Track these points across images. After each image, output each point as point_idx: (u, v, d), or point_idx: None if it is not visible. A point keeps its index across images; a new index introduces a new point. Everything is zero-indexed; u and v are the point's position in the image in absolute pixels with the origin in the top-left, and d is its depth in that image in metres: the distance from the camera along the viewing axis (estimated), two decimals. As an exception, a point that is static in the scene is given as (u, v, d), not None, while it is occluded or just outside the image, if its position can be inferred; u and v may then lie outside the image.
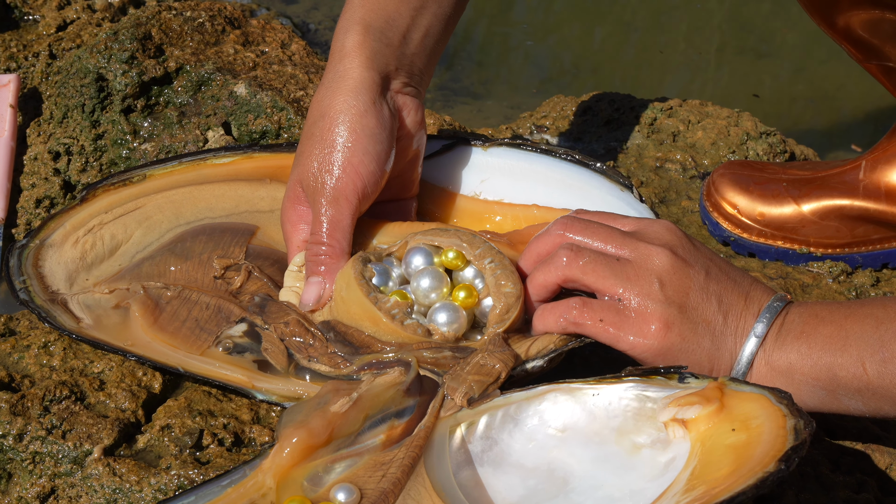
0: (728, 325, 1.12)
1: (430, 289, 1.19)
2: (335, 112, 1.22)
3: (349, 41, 1.25)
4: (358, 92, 1.23)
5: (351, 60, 1.24)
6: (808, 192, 1.45)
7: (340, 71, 1.24)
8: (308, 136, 1.24)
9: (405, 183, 1.31)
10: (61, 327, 1.21)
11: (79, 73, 1.55)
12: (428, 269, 1.19)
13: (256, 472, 1.06)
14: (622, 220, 1.19)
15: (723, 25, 2.76)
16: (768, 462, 0.95)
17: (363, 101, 1.23)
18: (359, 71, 1.24)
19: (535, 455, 1.09)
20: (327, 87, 1.24)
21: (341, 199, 1.22)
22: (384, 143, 1.24)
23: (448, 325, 1.17)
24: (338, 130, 1.22)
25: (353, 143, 1.22)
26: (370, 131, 1.23)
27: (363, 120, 1.22)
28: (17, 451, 1.15)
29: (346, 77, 1.24)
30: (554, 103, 1.75)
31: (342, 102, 1.23)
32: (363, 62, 1.24)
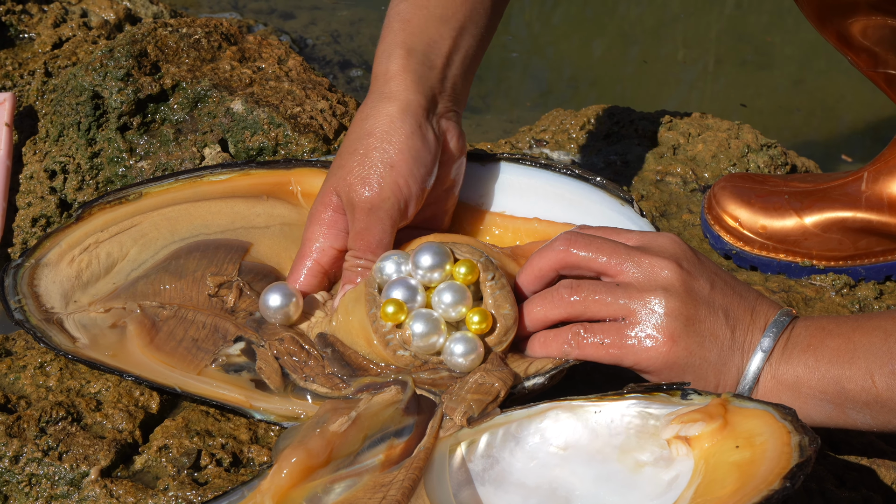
0: (736, 339, 1.12)
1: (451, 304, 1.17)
2: (382, 131, 1.23)
3: (393, 65, 1.25)
4: (405, 114, 1.23)
5: (397, 83, 1.24)
6: (810, 204, 1.44)
7: (386, 92, 1.24)
8: (351, 152, 1.23)
9: (437, 213, 1.31)
10: (57, 347, 1.20)
11: (74, 91, 1.55)
12: (450, 284, 1.17)
13: (255, 493, 1.05)
14: (626, 234, 1.18)
15: (721, 37, 2.76)
16: (773, 480, 0.95)
17: (410, 124, 1.23)
18: (405, 93, 1.24)
19: (536, 474, 1.09)
20: (372, 106, 1.24)
21: (384, 215, 1.22)
22: (428, 167, 1.24)
23: (464, 356, 1.16)
24: (385, 148, 1.22)
25: (399, 164, 1.22)
26: (416, 153, 1.23)
27: (409, 141, 1.22)
28: (13, 474, 1.14)
29: (392, 98, 1.24)
30: (553, 117, 1.75)
31: (389, 123, 1.23)
32: (409, 85, 1.24)
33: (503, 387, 1.12)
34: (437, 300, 1.17)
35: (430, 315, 1.16)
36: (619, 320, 1.13)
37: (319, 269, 1.25)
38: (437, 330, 1.16)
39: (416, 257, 1.18)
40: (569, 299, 1.15)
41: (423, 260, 1.17)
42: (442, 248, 1.18)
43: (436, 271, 1.17)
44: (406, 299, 1.17)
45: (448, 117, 1.28)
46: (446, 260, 1.17)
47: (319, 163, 1.35)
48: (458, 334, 1.16)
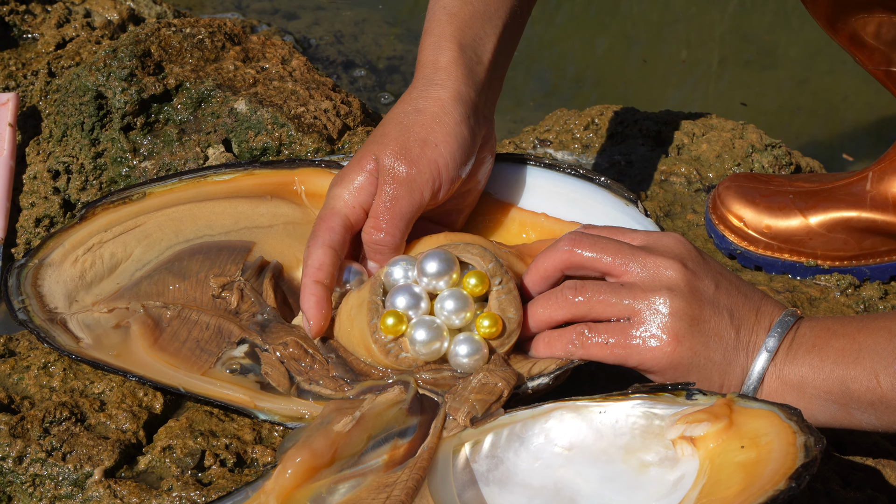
0: (740, 339, 1.12)
1: (453, 310, 1.17)
2: (432, 112, 1.23)
3: (444, 56, 1.26)
4: (456, 101, 1.24)
5: (448, 74, 1.25)
6: (815, 204, 1.44)
7: (438, 80, 1.25)
8: (397, 122, 1.24)
9: (454, 209, 1.31)
10: (61, 347, 1.20)
11: (78, 91, 1.55)
12: (453, 291, 1.17)
13: (259, 494, 1.05)
14: (631, 234, 1.18)
15: (725, 37, 2.76)
16: (779, 480, 0.94)
17: (460, 112, 1.23)
18: (457, 84, 1.25)
19: (541, 474, 1.08)
20: (423, 89, 1.25)
21: (416, 189, 1.22)
22: (468, 156, 1.25)
23: (469, 356, 1.15)
24: (432, 127, 1.22)
25: (443, 145, 1.22)
26: (461, 140, 1.23)
27: (457, 127, 1.23)
28: (17, 474, 1.14)
29: (444, 86, 1.24)
30: (557, 117, 1.74)
31: (440, 106, 1.23)
32: (460, 77, 1.25)
33: (507, 387, 1.11)
34: (439, 307, 1.16)
35: (433, 322, 1.16)
36: (623, 320, 1.13)
37: (347, 225, 1.23)
38: (440, 337, 1.16)
39: (422, 264, 1.17)
40: (573, 300, 1.15)
41: (429, 267, 1.17)
42: (448, 255, 1.17)
43: (441, 279, 1.17)
44: (410, 306, 1.16)
45: (487, 116, 1.28)
46: (452, 268, 1.17)
47: (323, 163, 1.35)
48: (463, 335, 1.16)
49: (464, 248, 1.19)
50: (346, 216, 1.23)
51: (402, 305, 1.16)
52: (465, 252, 1.18)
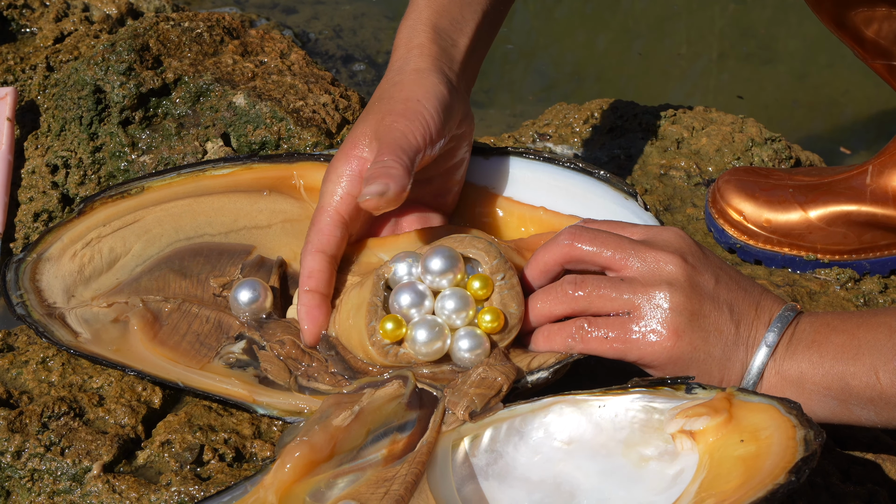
0: (740, 334, 1.11)
1: (454, 310, 1.17)
2: (411, 79, 1.23)
3: (418, 38, 1.27)
4: (432, 69, 1.24)
5: (422, 53, 1.26)
6: (815, 198, 1.44)
7: (412, 57, 1.26)
8: (377, 98, 1.24)
9: (442, 189, 1.30)
10: (59, 342, 1.20)
11: (76, 86, 1.54)
12: (455, 291, 1.17)
13: (258, 488, 1.05)
14: (631, 228, 1.17)
15: (725, 31, 2.76)
16: (778, 474, 0.94)
17: (437, 76, 1.24)
18: (431, 58, 1.25)
19: (540, 468, 1.08)
20: (398, 69, 1.25)
21: (409, 135, 1.20)
22: (449, 116, 1.24)
23: (471, 351, 1.15)
24: (413, 89, 1.22)
25: (425, 100, 1.22)
26: (442, 97, 1.23)
27: (437, 87, 1.23)
28: (16, 469, 1.13)
29: (420, 59, 1.25)
30: (556, 111, 1.74)
31: (417, 73, 1.24)
32: (435, 55, 1.26)
33: (506, 381, 1.11)
34: (440, 306, 1.16)
35: (434, 322, 1.16)
36: (623, 315, 1.13)
37: (339, 221, 1.22)
38: (441, 336, 1.16)
39: (426, 261, 1.17)
40: (573, 294, 1.14)
41: (434, 264, 1.17)
42: (453, 253, 1.17)
43: (445, 277, 1.17)
44: (413, 304, 1.16)
45: (463, 96, 1.28)
46: (457, 265, 1.17)
47: (322, 156, 1.35)
48: (465, 330, 1.16)
49: (469, 243, 1.18)
50: (336, 211, 1.22)
51: (406, 303, 1.16)
52: (469, 247, 1.18)
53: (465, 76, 1.30)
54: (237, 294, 1.23)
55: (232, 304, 1.24)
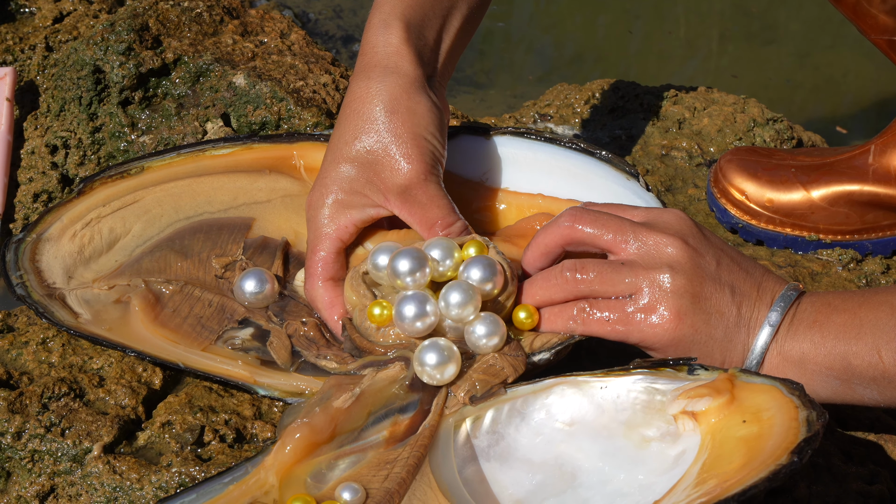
0: (742, 316, 1.11)
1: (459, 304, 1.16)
2: (406, 106, 1.21)
3: (393, 37, 1.24)
4: (417, 88, 1.22)
5: (401, 57, 1.23)
6: (817, 178, 1.44)
7: (391, 67, 1.23)
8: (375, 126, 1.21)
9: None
10: (59, 323, 1.20)
11: (76, 66, 1.54)
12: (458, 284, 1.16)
13: (259, 469, 1.04)
14: (632, 210, 1.17)
15: (725, 12, 2.75)
16: (781, 454, 0.94)
17: (426, 97, 1.22)
18: (410, 67, 1.23)
19: (542, 449, 1.08)
20: (380, 80, 1.22)
21: (437, 182, 1.21)
22: (445, 133, 1.24)
23: (487, 337, 1.14)
24: (415, 121, 1.21)
25: (429, 134, 1.21)
26: (439, 122, 1.23)
27: (430, 114, 1.22)
28: (16, 450, 1.13)
29: (399, 73, 1.22)
30: (557, 91, 1.74)
31: (409, 98, 1.21)
32: (412, 59, 1.23)
33: (512, 373, 1.11)
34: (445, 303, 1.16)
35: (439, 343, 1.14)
36: (624, 297, 1.12)
37: (340, 249, 1.22)
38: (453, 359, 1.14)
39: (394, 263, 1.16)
40: (573, 278, 1.14)
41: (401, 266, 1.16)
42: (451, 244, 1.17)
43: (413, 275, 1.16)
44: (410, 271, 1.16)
45: (439, 91, 1.27)
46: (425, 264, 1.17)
47: (322, 136, 1.34)
48: (486, 315, 1.14)
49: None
50: (339, 238, 1.22)
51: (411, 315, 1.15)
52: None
53: (441, 71, 1.28)
54: (242, 284, 1.23)
55: (236, 293, 1.23)
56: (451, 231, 1.20)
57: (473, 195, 1.34)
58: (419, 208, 1.20)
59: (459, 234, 1.20)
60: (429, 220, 1.20)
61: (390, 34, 1.24)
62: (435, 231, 1.20)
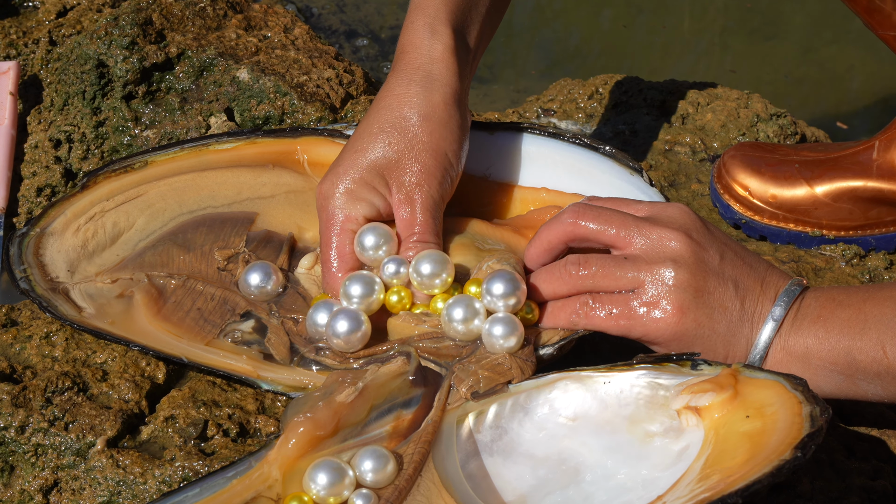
0: (745, 310, 1.11)
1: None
2: (439, 118, 1.22)
3: (439, 44, 1.24)
4: (455, 102, 1.23)
5: (445, 66, 1.23)
6: (821, 173, 1.43)
7: (436, 75, 1.23)
8: (403, 132, 1.22)
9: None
10: (63, 317, 1.20)
11: (79, 60, 1.54)
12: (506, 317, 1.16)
13: (262, 464, 1.04)
14: (635, 205, 1.17)
15: (729, 7, 2.74)
16: (784, 450, 0.94)
17: (460, 113, 1.23)
18: (453, 79, 1.23)
19: (545, 444, 1.08)
20: (422, 85, 1.23)
21: (439, 203, 1.22)
22: (465, 154, 1.25)
23: (503, 337, 1.14)
24: (442, 134, 1.22)
25: (452, 153, 1.22)
26: (462, 141, 1.23)
27: (459, 131, 1.23)
28: (20, 444, 1.13)
29: (441, 83, 1.23)
30: (561, 86, 1.74)
31: (445, 111, 1.22)
32: (456, 70, 1.24)
33: (519, 375, 1.11)
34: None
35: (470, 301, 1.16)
36: (627, 292, 1.12)
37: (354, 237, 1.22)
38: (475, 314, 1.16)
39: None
40: (577, 274, 1.14)
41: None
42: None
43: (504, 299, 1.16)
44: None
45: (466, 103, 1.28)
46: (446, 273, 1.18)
47: (326, 131, 1.34)
48: (502, 315, 1.15)
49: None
50: (351, 231, 1.22)
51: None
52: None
53: (472, 77, 1.30)
54: (248, 278, 1.23)
55: (241, 286, 1.23)
56: (420, 247, 1.20)
57: (477, 190, 1.33)
58: (410, 214, 1.21)
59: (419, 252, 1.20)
60: (411, 226, 1.21)
61: (436, 40, 1.24)
62: (407, 241, 1.21)
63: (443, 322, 1.15)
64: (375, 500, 1.02)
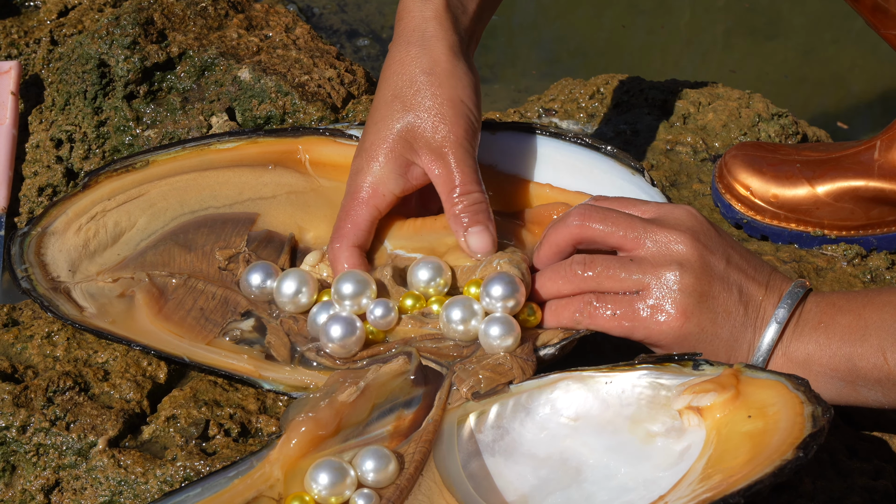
0: (748, 316, 1.11)
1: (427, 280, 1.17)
2: (444, 68, 1.22)
3: (430, 8, 1.24)
4: (456, 53, 1.23)
5: (438, 24, 1.23)
6: (822, 173, 1.43)
7: (430, 32, 1.23)
8: (415, 88, 1.22)
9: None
10: (64, 316, 1.20)
11: (80, 60, 1.54)
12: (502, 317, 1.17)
13: (264, 464, 1.04)
14: (642, 206, 1.17)
15: (730, 7, 2.75)
16: (786, 450, 0.94)
17: (464, 62, 1.23)
18: (450, 34, 1.23)
19: (547, 444, 1.08)
20: (420, 45, 1.23)
21: (470, 150, 1.21)
22: (480, 102, 1.25)
23: (500, 338, 1.14)
24: (453, 84, 1.21)
25: (468, 98, 1.22)
26: (476, 87, 1.23)
27: (468, 76, 1.22)
28: (21, 443, 1.13)
29: (438, 38, 1.23)
30: (562, 86, 1.74)
31: (447, 61, 1.22)
32: (449, 27, 1.24)
33: (520, 375, 1.11)
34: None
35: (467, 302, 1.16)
36: (632, 293, 1.12)
37: (375, 217, 1.23)
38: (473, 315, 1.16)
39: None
40: (582, 275, 1.14)
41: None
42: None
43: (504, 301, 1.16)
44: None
45: (469, 59, 1.27)
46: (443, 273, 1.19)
47: (328, 131, 1.34)
48: (499, 314, 1.15)
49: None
50: (375, 207, 1.22)
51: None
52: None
53: (474, 42, 1.29)
54: (249, 277, 1.23)
55: (242, 286, 1.23)
56: (469, 199, 1.20)
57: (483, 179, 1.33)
58: (445, 169, 1.21)
59: (475, 204, 1.20)
60: (452, 182, 1.21)
61: (427, 5, 1.24)
62: (452, 197, 1.20)
63: (441, 323, 1.16)
64: (377, 499, 1.02)
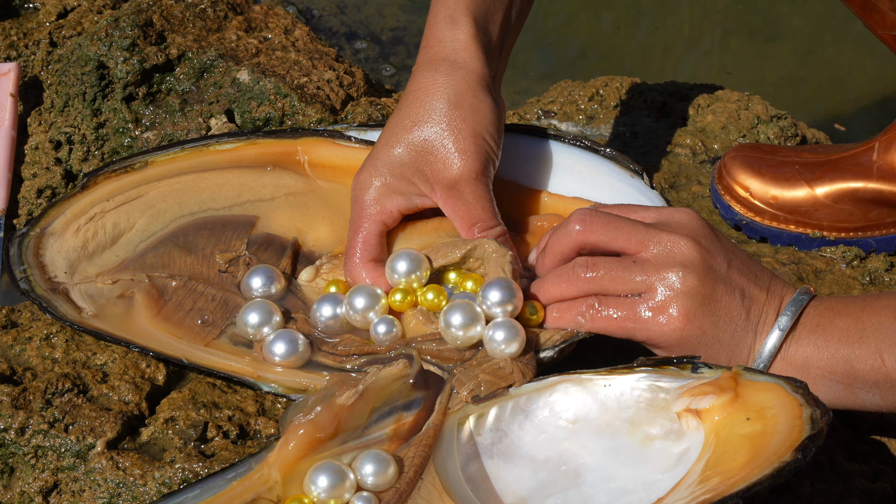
0: (750, 320, 1.11)
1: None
2: (470, 103, 1.21)
3: (461, 33, 1.23)
4: (483, 86, 1.22)
5: (469, 54, 1.23)
6: (822, 174, 1.43)
7: (459, 63, 1.22)
8: (439, 119, 1.21)
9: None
10: (63, 318, 1.20)
11: (80, 61, 1.54)
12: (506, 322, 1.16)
13: (262, 466, 1.05)
14: (643, 211, 1.16)
15: (730, 8, 2.75)
16: (784, 452, 0.94)
17: (491, 96, 1.22)
18: (478, 65, 1.23)
19: (545, 447, 1.08)
20: (447, 74, 1.22)
21: (486, 183, 1.21)
22: (501, 136, 1.25)
23: (505, 342, 1.14)
24: (477, 119, 1.21)
25: (489, 137, 1.21)
26: (499, 124, 1.23)
27: (492, 115, 1.22)
28: (20, 445, 1.13)
29: (467, 69, 1.22)
30: (561, 88, 1.74)
31: (473, 95, 1.21)
32: (480, 57, 1.23)
33: (520, 379, 1.11)
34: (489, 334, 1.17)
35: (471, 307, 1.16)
36: (634, 295, 1.12)
37: (383, 232, 1.23)
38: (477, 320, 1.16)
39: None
40: (585, 277, 1.14)
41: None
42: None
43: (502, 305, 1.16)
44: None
45: (496, 89, 1.27)
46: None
47: (327, 132, 1.34)
48: (502, 319, 1.14)
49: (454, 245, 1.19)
50: (382, 222, 1.22)
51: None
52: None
53: (500, 71, 1.29)
54: (250, 281, 1.23)
55: (243, 289, 1.23)
56: (490, 234, 1.20)
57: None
58: (464, 205, 1.20)
59: (497, 237, 1.20)
60: (471, 219, 1.20)
61: (458, 30, 1.23)
62: (473, 231, 1.20)
63: (441, 329, 1.15)
64: (376, 503, 1.02)
